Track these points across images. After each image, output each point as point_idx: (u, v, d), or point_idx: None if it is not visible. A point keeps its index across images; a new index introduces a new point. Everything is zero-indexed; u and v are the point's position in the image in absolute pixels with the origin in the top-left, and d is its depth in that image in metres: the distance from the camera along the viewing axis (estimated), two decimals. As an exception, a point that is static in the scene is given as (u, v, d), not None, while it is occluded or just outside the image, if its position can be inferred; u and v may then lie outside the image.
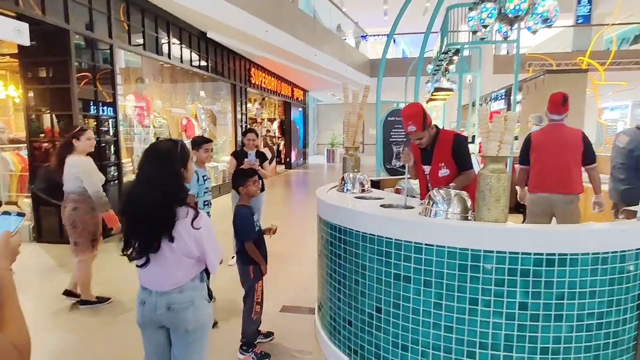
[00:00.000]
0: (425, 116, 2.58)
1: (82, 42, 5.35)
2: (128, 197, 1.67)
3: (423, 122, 2.56)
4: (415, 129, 2.57)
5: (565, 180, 3.25)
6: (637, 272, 1.89)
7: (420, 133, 2.59)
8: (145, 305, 1.70)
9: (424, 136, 2.62)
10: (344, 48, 13.71)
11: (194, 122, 8.72)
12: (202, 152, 3.20)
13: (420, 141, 2.66)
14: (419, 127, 2.56)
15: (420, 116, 2.56)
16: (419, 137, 2.62)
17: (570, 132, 3.32)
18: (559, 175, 3.26)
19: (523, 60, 13.59)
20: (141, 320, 1.74)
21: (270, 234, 2.81)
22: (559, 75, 6.97)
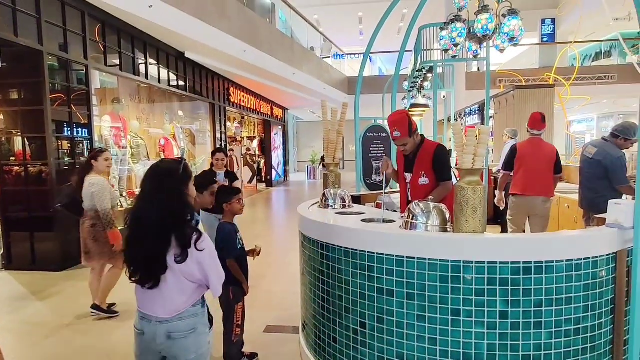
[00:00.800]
0: (410, 123, 2.64)
1: (56, 63, 5.28)
2: (132, 215, 1.63)
3: (408, 129, 2.63)
4: (400, 135, 2.63)
5: (545, 185, 3.88)
6: (610, 277, 1.96)
7: (405, 139, 2.65)
8: (145, 335, 1.64)
9: (408, 142, 2.67)
10: (321, 67, 13.96)
11: (172, 142, 8.64)
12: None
13: (404, 147, 2.71)
14: (404, 133, 2.62)
15: (405, 122, 2.62)
16: (403, 143, 2.68)
17: (548, 146, 4.00)
18: (540, 181, 3.87)
19: (494, 76, 14.14)
20: (139, 351, 1.68)
21: (255, 255, 2.78)
22: (528, 90, 7.29)
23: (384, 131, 4.13)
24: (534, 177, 3.87)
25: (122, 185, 6.87)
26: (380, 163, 4.11)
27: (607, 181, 3.57)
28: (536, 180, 3.87)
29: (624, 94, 13.81)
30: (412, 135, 2.66)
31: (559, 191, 4.93)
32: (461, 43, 3.67)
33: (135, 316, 1.69)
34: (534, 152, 3.94)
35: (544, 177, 3.87)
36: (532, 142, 4.03)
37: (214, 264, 1.68)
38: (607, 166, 3.53)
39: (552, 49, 14.91)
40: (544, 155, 3.91)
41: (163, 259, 1.57)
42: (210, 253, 1.67)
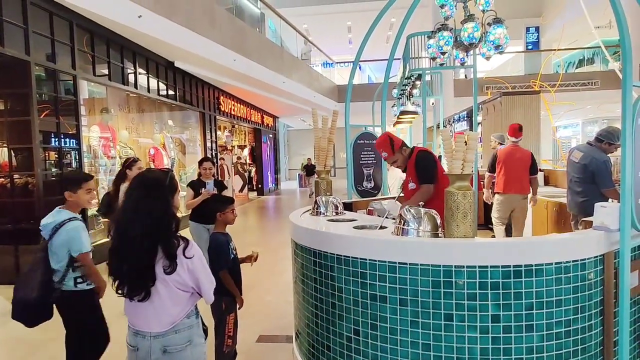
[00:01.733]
0: (392, 142, 2.85)
1: (44, 74, 5.23)
2: (117, 225, 1.60)
3: (391, 147, 2.84)
4: (387, 155, 2.88)
5: (522, 184, 4.58)
6: (598, 279, 1.99)
7: (392, 157, 2.87)
8: (139, 351, 1.60)
9: (397, 159, 2.88)
10: (311, 75, 14.04)
11: (162, 151, 8.57)
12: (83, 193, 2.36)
13: (396, 164, 2.92)
14: (389, 152, 2.85)
15: (387, 142, 2.85)
16: (392, 160, 2.90)
17: (524, 151, 4.73)
18: (518, 181, 4.57)
19: (481, 83, 14.39)
20: None
21: (252, 261, 2.76)
22: (514, 97, 7.41)
23: (374, 138, 4.16)
24: (513, 178, 4.57)
25: (111, 195, 6.79)
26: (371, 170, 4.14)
27: (593, 185, 3.64)
28: (514, 180, 4.57)
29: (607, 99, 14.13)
30: (398, 152, 2.86)
31: (547, 195, 5.03)
32: (448, 51, 3.74)
33: (127, 333, 1.66)
34: (512, 157, 4.64)
35: (521, 177, 4.57)
36: (510, 148, 4.76)
37: (205, 270, 1.67)
38: (593, 170, 3.60)
39: (536, 56, 15.24)
40: (521, 159, 4.60)
41: (151, 270, 1.55)
42: (200, 259, 1.66)
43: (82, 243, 2.26)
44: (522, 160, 4.59)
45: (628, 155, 1.90)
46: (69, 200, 2.33)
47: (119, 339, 1.73)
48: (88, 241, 2.33)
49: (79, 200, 2.35)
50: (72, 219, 2.29)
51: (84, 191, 2.36)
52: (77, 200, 2.34)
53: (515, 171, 4.57)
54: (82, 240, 2.26)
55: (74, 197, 2.33)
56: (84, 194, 2.35)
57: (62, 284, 2.27)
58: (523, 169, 4.57)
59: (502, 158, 4.69)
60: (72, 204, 2.35)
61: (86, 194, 2.37)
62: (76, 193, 2.32)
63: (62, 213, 2.31)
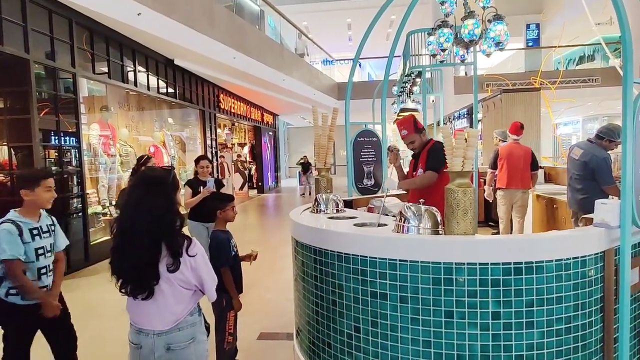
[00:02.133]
0: (415, 122, 2.94)
1: (43, 72, 5.22)
2: (119, 224, 1.59)
3: (414, 126, 2.92)
4: (407, 133, 2.93)
5: (523, 179, 4.83)
6: (598, 276, 1.99)
7: (411, 136, 2.92)
8: (142, 348, 1.60)
9: (415, 139, 2.94)
10: (311, 73, 14.02)
11: (162, 149, 8.57)
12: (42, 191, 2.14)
13: (412, 145, 2.97)
14: (410, 130, 2.92)
15: (410, 121, 2.94)
16: (411, 140, 2.95)
17: (525, 148, 4.98)
18: (519, 176, 4.82)
19: (481, 80, 14.36)
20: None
21: (251, 260, 2.76)
22: (515, 94, 7.40)
23: (374, 136, 4.15)
24: (514, 174, 4.81)
25: (112, 193, 6.79)
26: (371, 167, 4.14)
27: (593, 182, 3.63)
28: (516, 176, 4.81)
29: (607, 96, 14.11)
30: (417, 132, 2.92)
31: (547, 192, 5.03)
32: (448, 48, 3.73)
33: (129, 330, 1.66)
34: (513, 154, 4.87)
35: (522, 173, 4.81)
36: (511, 145, 4.98)
37: (207, 268, 1.68)
38: (593, 167, 3.60)
39: (537, 53, 15.21)
40: (522, 156, 4.84)
41: (155, 268, 1.56)
42: (202, 257, 1.66)
43: (1, 249, 2.00)
44: (523, 157, 4.81)
45: (629, 152, 1.90)
46: (26, 201, 2.11)
47: (120, 336, 1.73)
48: (12, 248, 2.02)
49: (37, 199, 2.11)
50: (5, 221, 2.07)
51: (43, 189, 2.12)
52: (35, 199, 2.11)
53: (516, 167, 4.79)
54: (2, 246, 2.00)
55: (31, 196, 2.10)
56: (42, 192, 2.12)
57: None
58: (524, 165, 4.80)
59: (504, 155, 4.91)
60: (29, 204, 2.12)
61: (45, 192, 2.13)
62: (34, 191, 2.09)
63: (7, 215, 2.11)
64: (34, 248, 2.12)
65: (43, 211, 2.23)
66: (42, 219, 2.21)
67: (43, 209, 2.21)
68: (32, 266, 2.12)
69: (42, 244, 2.17)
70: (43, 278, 2.17)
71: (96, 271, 5.35)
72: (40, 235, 2.16)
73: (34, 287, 2.11)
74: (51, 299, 2.19)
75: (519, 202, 4.88)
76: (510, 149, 4.92)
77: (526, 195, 4.88)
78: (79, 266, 5.43)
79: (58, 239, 2.30)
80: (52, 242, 2.24)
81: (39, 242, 2.15)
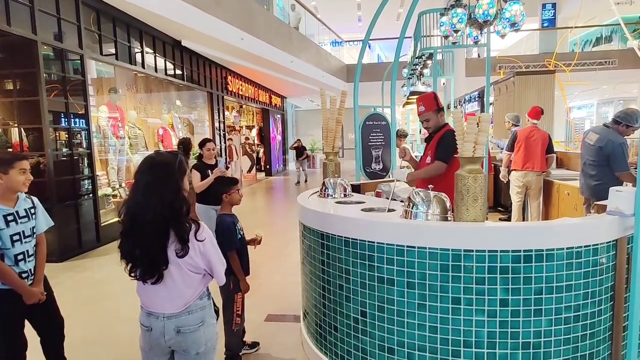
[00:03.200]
0: (437, 100, 2.83)
1: (51, 53, 5.21)
2: (127, 209, 1.58)
3: (435, 103, 2.82)
4: (424, 109, 2.83)
5: (540, 163, 4.92)
6: (610, 265, 1.96)
7: (428, 114, 2.83)
8: (153, 331, 1.62)
9: (430, 118, 2.84)
10: (319, 54, 13.81)
11: (170, 131, 8.58)
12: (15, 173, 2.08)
13: (427, 123, 2.88)
14: (428, 107, 2.82)
15: (430, 98, 2.83)
16: (426, 117, 2.86)
17: (543, 133, 5.06)
18: (536, 160, 4.90)
19: (493, 62, 14.03)
20: (148, 346, 1.66)
21: (255, 244, 2.78)
22: (528, 76, 7.22)
23: (383, 119, 4.09)
24: (530, 157, 4.92)
25: (121, 176, 6.85)
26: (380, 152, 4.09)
27: (608, 168, 3.56)
28: (532, 159, 4.91)
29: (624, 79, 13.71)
30: (435, 112, 2.81)
31: (559, 178, 4.95)
32: (462, 29, 3.62)
33: (140, 313, 1.68)
34: (531, 137, 4.96)
35: (538, 157, 4.90)
36: (530, 128, 5.05)
37: (216, 252, 1.68)
38: (608, 153, 3.51)
39: (552, 34, 14.75)
40: (539, 139, 4.93)
41: (164, 254, 1.56)
42: (211, 241, 1.67)
43: None
44: (541, 141, 4.92)
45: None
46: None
47: (132, 316, 1.76)
48: None
49: (10, 182, 2.04)
50: None
51: (17, 171, 2.06)
52: (8, 182, 2.04)
53: (533, 151, 4.91)
54: None
55: (4, 179, 2.03)
56: (17, 175, 2.05)
57: None
58: (541, 149, 4.91)
59: (522, 137, 5.01)
60: (3, 188, 2.06)
61: (20, 175, 2.07)
62: (7, 174, 2.03)
63: None
64: (9, 235, 2.06)
65: (21, 194, 2.16)
66: (19, 203, 2.14)
67: (19, 192, 2.13)
68: (9, 252, 2.07)
69: (19, 230, 2.10)
70: (20, 264, 2.11)
71: (107, 252, 5.45)
72: (16, 220, 2.09)
73: (11, 274, 2.05)
74: (35, 285, 2.16)
75: (533, 185, 4.96)
76: (528, 132, 5.01)
77: (540, 178, 4.95)
78: (90, 247, 5.53)
79: (39, 221, 2.24)
80: (32, 225, 2.18)
81: (14, 227, 2.08)
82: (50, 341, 2.33)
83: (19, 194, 2.14)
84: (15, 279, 2.06)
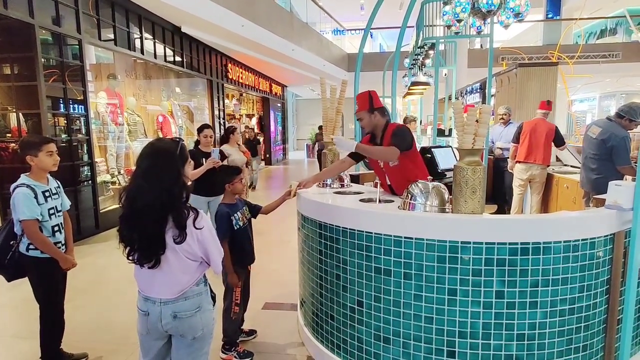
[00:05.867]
0: (371, 98, 2.72)
1: (49, 38, 5.14)
2: (127, 194, 1.59)
3: (368, 102, 2.72)
4: (358, 108, 2.77)
5: (544, 156, 4.81)
6: (606, 258, 1.97)
7: (361, 113, 2.75)
8: (150, 315, 1.64)
9: (363, 117, 2.74)
10: (321, 43, 13.67)
11: (170, 119, 8.53)
12: (44, 156, 2.29)
13: (362, 122, 2.79)
14: (361, 106, 2.73)
15: (365, 97, 2.73)
16: (359, 117, 2.78)
17: (549, 125, 4.92)
18: (540, 152, 4.79)
19: (496, 53, 13.89)
20: (145, 330, 1.68)
21: (290, 195, 2.75)
22: (530, 68, 7.15)
23: (383, 110, 4.06)
24: (535, 149, 4.79)
25: (120, 162, 6.83)
26: None
27: (609, 162, 3.55)
28: (536, 151, 4.78)
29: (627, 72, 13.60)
30: (369, 112, 2.71)
31: (559, 172, 4.94)
32: (465, 19, 3.57)
33: (137, 297, 1.69)
34: (537, 129, 4.81)
35: (543, 149, 4.78)
36: (537, 120, 4.89)
37: (214, 241, 1.68)
38: (611, 146, 3.50)
39: (556, 26, 14.58)
40: (545, 131, 4.78)
41: (161, 239, 1.56)
42: (209, 230, 1.67)
43: (21, 210, 2.20)
44: (547, 133, 4.79)
45: (648, 132, 1.83)
46: (32, 165, 2.29)
47: (131, 301, 1.77)
48: (30, 209, 2.21)
49: (41, 163, 2.28)
50: (20, 185, 2.24)
51: (45, 154, 2.29)
52: (39, 164, 2.28)
53: (538, 143, 4.79)
54: (21, 208, 2.20)
55: (35, 161, 2.27)
56: (45, 157, 2.29)
57: (18, 247, 2.31)
58: (546, 141, 4.79)
59: (527, 129, 4.87)
60: (35, 169, 2.30)
61: (48, 157, 2.30)
62: (37, 157, 2.26)
63: (20, 180, 2.29)
64: (47, 209, 2.32)
65: (49, 175, 2.41)
66: (50, 182, 2.41)
67: (49, 172, 2.37)
68: (47, 225, 2.33)
69: (53, 205, 2.38)
70: (57, 235, 2.39)
71: (106, 238, 5.46)
72: (51, 196, 2.36)
73: (51, 244, 2.32)
74: (68, 253, 2.47)
75: (537, 178, 4.86)
76: (534, 124, 4.87)
77: (544, 171, 4.88)
78: (89, 233, 5.54)
79: (64, 200, 2.51)
80: (60, 202, 2.46)
81: (50, 202, 2.35)
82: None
83: (48, 175, 2.39)
84: (54, 248, 2.33)
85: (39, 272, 2.35)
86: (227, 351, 2.60)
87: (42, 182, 2.34)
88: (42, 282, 2.37)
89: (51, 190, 2.37)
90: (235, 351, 2.60)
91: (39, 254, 2.31)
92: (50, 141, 2.36)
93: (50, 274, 2.37)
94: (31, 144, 2.30)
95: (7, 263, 2.29)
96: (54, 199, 2.38)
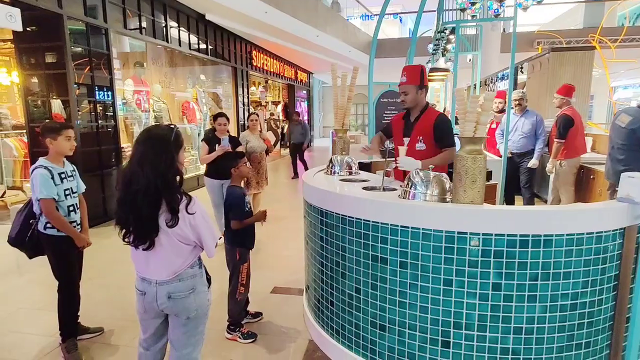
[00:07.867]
0: (422, 75, 2.62)
1: (77, 27, 5.34)
2: (123, 177, 1.66)
3: (419, 78, 2.60)
4: (406, 80, 2.62)
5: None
6: (615, 253, 1.87)
7: (409, 86, 2.61)
8: (146, 295, 1.72)
9: (410, 92, 2.63)
10: (347, 28, 13.46)
11: (194, 106, 8.72)
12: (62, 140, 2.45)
13: (405, 97, 2.66)
14: (410, 80, 2.61)
15: (417, 71, 2.61)
16: (405, 90, 2.64)
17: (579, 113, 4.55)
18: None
19: (532, 37, 13.22)
20: (142, 309, 1.77)
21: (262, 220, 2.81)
22: (564, 53, 6.77)
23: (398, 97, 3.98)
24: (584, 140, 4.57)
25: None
26: None
27: (638, 153, 3.34)
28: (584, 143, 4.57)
29: (677, 56, 12.59)
30: (418, 88, 2.62)
31: (586, 162, 4.69)
32: (480, 1, 3.41)
33: (135, 278, 1.78)
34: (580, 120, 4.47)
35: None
36: (574, 109, 4.50)
37: (207, 226, 1.73)
38: None
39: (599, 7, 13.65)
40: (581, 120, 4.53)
41: (155, 222, 1.62)
42: (202, 215, 1.71)
43: (39, 190, 2.34)
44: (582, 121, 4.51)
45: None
46: (50, 148, 2.43)
47: (131, 283, 1.87)
48: (47, 189, 2.35)
49: (59, 147, 2.43)
50: (38, 167, 2.38)
51: (64, 138, 2.43)
52: (57, 147, 2.43)
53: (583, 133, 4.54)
54: (39, 188, 2.33)
55: (54, 144, 2.42)
56: (64, 141, 2.43)
57: (37, 226, 2.45)
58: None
59: (578, 120, 4.43)
60: (53, 152, 2.44)
61: (66, 141, 2.45)
62: (56, 140, 2.41)
63: (38, 162, 2.42)
64: (63, 189, 2.47)
65: (65, 159, 2.56)
66: (66, 165, 2.56)
67: (65, 155, 2.52)
68: (63, 204, 2.48)
69: (69, 186, 2.53)
70: (72, 215, 2.54)
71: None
72: (66, 178, 2.52)
73: (66, 222, 2.47)
74: (83, 232, 2.62)
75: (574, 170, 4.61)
76: (577, 115, 4.49)
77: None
78: (115, 216, 5.80)
79: (79, 183, 2.67)
80: (75, 184, 2.61)
81: (66, 184, 2.50)
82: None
83: (64, 159, 2.54)
84: (69, 226, 2.48)
85: (56, 249, 2.50)
86: (231, 332, 2.69)
87: (58, 165, 2.48)
88: (58, 259, 2.53)
89: (67, 173, 2.52)
90: (240, 332, 2.68)
91: (56, 232, 2.46)
92: (69, 127, 2.53)
93: (66, 251, 2.53)
94: (52, 128, 2.46)
95: (27, 241, 2.47)
96: (69, 181, 2.54)
